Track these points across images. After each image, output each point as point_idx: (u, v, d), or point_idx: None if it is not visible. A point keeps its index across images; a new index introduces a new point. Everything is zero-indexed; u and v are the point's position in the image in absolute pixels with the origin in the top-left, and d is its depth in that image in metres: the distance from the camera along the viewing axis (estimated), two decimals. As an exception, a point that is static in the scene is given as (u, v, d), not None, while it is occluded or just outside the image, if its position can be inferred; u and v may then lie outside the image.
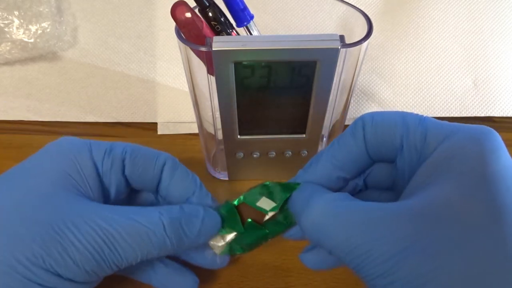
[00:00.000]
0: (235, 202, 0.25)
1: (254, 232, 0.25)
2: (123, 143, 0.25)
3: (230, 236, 0.25)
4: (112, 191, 0.25)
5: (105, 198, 0.25)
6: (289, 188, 0.24)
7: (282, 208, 0.25)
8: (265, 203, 0.25)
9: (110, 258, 0.21)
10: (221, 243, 0.25)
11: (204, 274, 0.30)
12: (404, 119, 0.21)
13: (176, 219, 0.23)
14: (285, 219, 0.25)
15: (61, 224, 0.20)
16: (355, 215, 0.19)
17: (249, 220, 0.25)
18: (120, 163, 0.24)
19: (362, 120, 0.22)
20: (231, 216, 0.25)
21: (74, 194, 0.22)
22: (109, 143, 0.25)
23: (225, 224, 0.25)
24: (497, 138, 0.20)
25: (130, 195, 0.28)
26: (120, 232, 0.21)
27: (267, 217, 0.25)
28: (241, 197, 0.25)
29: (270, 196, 0.24)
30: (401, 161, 0.22)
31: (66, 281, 0.20)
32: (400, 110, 0.42)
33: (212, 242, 0.25)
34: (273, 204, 0.24)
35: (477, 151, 0.18)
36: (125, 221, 0.21)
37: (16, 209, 0.21)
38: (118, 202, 0.26)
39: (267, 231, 0.25)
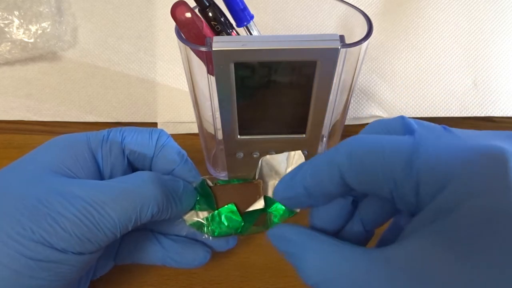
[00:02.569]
0: (210, 183, 0.26)
1: (229, 218, 0.25)
2: (119, 128, 0.26)
3: (204, 214, 0.26)
4: (118, 175, 0.25)
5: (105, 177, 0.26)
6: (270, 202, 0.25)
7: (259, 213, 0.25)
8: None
9: (101, 221, 0.21)
10: (194, 218, 0.26)
11: (204, 274, 0.30)
12: (390, 165, 0.16)
13: (161, 179, 0.23)
14: (263, 224, 0.25)
15: (47, 196, 0.20)
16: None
17: (229, 205, 0.25)
18: (119, 149, 0.25)
19: (338, 163, 0.17)
20: (205, 195, 0.26)
21: (66, 177, 0.23)
22: (106, 130, 0.26)
23: (201, 201, 0.26)
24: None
25: None
26: (109, 194, 0.21)
27: (250, 209, 0.25)
28: (219, 181, 0.26)
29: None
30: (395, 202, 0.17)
31: (61, 252, 0.20)
32: (400, 110, 0.42)
33: (185, 216, 0.26)
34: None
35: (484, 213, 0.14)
36: (113, 184, 0.22)
37: (3, 189, 0.21)
38: None
39: (242, 223, 0.25)
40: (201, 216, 0.26)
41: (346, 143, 0.17)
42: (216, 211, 0.25)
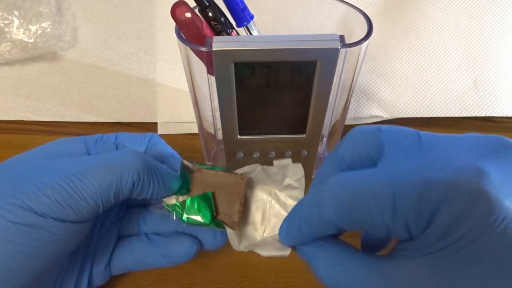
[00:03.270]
0: (190, 165, 0.25)
1: (203, 207, 0.25)
2: (114, 133, 0.28)
3: (184, 198, 0.25)
4: None
5: None
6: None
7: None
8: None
9: (81, 188, 0.21)
10: (173, 201, 0.25)
11: (204, 274, 0.30)
12: (377, 213, 0.16)
13: (145, 156, 0.24)
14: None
15: (32, 169, 0.22)
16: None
17: (207, 193, 0.25)
18: (112, 144, 0.27)
19: (328, 218, 0.18)
20: (184, 178, 0.25)
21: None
22: (100, 135, 0.27)
23: (182, 185, 0.25)
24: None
25: None
26: (89, 164, 0.22)
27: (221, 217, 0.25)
28: (200, 165, 0.26)
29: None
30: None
31: (41, 216, 0.20)
32: (400, 110, 0.42)
33: (164, 198, 0.25)
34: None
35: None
36: (95, 156, 0.24)
37: None
38: None
39: (213, 215, 0.25)
40: (180, 199, 0.25)
41: (329, 189, 0.18)
42: (189, 198, 0.25)
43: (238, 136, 0.30)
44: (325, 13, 0.40)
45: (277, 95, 0.28)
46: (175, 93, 0.43)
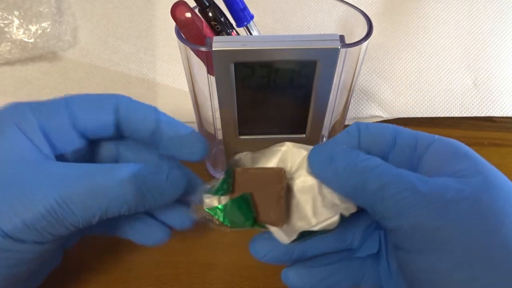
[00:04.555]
0: (237, 164, 0.24)
1: (242, 209, 0.23)
2: (65, 96, 0.24)
3: (226, 200, 0.23)
4: (67, 147, 0.23)
5: (62, 155, 0.23)
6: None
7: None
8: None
9: (63, 216, 0.20)
10: (214, 203, 0.23)
11: (204, 274, 0.30)
12: (395, 126, 0.23)
13: (138, 175, 0.21)
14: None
15: (8, 182, 0.20)
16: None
17: (244, 194, 0.23)
18: (64, 116, 0.23)
19: (357, 124, 0.23)
20: (229, 179, 0.24)
21: (23, 152, 0.21)
22: (51, 100, 0.24)
23: (224, 186, 0.23)
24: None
25: (92, 148, 0.26)
26: (73, 190, 0.20)
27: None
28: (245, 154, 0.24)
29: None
30: (394, 157, 0.22)
31: (19, 242, 0.19)
32: (400, 110, 0.42)
33: (206, 199, 0.23)
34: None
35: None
36: (79, 178, 0.20)
37: None
38: (79, 157, 0.24)
39: (254, 216, 0.23)
40: (223, 202, 0.23)
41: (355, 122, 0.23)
42: (229, 201, 0.23)
43: (238, 136, 0.30)
44: (325, 13, 0.40)
45: (277, 95, 0.28)
46: (175, 93, 0.43)
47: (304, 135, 0.31)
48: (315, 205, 0.23)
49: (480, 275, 0.17)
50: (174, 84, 0.43)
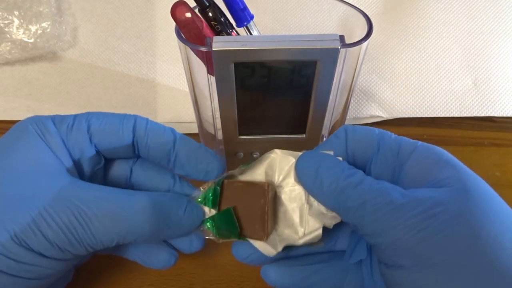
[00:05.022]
0: (224, 177, 0.24)
1: (226, 222, 0.23)
2: (87, 113, 0.24)
3: (215, 211, 0.24)
4: (85, 164, 0.24)
5: (80, 171, 0.24)
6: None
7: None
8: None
9: (83, 238, 0.20)
10: (206, 215, 0.24)
11: (204, 274, 0.30)
12: (380, 131, 0.23)
13: (157, 206, 0.22)
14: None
15: (34, 200, 0.20)
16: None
17: (228, 209, 0.23)
18: (85, 133, 0.23)
19: (344, 127, 0.24)
20: (214, 190, 0.24)
21: (48, 170, 0.22)
22: (73, 116, 0.24)
23: (214, 200, 0.24)
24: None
25: (105, 165, 0.26)
26: (96, 213, 0.20)
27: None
28: (225, 174, 0.24)
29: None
30: (377, 163, 0.23)
31: (41, 257, 0.20)
32: (400, 110, 0.42)
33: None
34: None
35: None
36: (103, 202, 0.21)
37: None
38: (95, 174, 0.25)
39: (237, 230, 0.23)
40: (212, 213, 0.24)
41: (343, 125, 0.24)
42: (216, 214, 0.24)
43: (238, 136, 0.30)
44: (325, 13, 0.40)
45: (277, 95, 0.28)
46: (175, 93, 0.43)
47: (304, 135, 0.31)
48: (302, 214, 0.24)
49: None
50: (174, 84, 0.43)
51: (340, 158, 0.22)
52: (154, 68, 0.44)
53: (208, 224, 0.24)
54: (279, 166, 0.24)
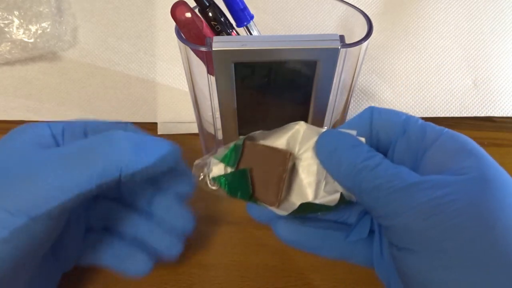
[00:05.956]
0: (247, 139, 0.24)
1: (241, 182, 0.24)
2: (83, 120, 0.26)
3: (231, 169, 0.24)
4: None
5: None
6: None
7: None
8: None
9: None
10: (222, 172, 0.24)
11: (204, 274, 0.30)
12: (407, 115, 0.23)
13: (134, 132, 0.23)
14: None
15: (25, 165, 0.21)
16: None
17: (244, 169, 0.23)
18: (80, 133, 0.25)
19: (371, 108, 0.24)
20: (236, 149, 0.24)
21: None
22: (67, 122, 0.25)
23: (232, 157, 0.24)
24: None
25: None
26: (73, 148, 0.21)
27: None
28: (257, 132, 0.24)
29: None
30: (400, 147, 0.23)
31: (33, 219, 0.20)
32: (400, 109, 0.42)
33: (214, 167, 0.24)
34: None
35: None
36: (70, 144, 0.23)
37: None
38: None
39: (250, 192, 0.23)
40: (229, 170, 0.24)
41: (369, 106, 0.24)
42: (231, 173, 0.24)
43: (238, 136, 0.30)
44: (325, 13, 0.40)
45: (277, 95, 0.28)
46: (175, 93, 0.43)
47: (304, 135, 0.31)
48: (317, 189, 0.24)
49: (470, 277, 0.17)
50: (174, 84, 0.43)
51: (363, 139, 0.22)
52: (154, 68, 0.44)
53: (222, 180, 0.24)
54: (301, 139, 0.24)
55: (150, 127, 0.42)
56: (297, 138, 0.24)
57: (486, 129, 0.42)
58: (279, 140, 0.25)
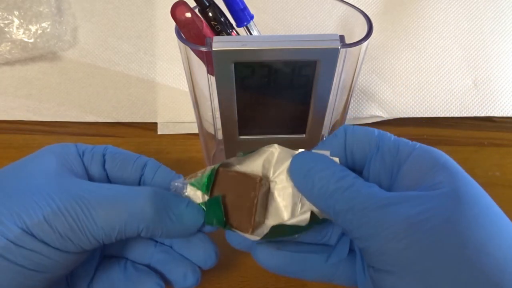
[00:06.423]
0: (220, 166, 0.24)
1: (214, 210, 0.24)
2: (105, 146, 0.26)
3: (207, 197, 0.24)
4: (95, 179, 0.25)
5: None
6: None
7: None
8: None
9: (84, 223, 0.20)
10: (197, 200, 0.24)
11: (204, 274, 0.30)
12: (380, 132, 0.23)
13: (159, 195, 0.23)
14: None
15: (39, 188, 0.21)
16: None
17: (217, 197, 0.23)
18: (100, 157, 0.25)
19: (344, 127, 0.24)
20: (210, 176, 0.24)
21: (59, 171, 0.23)
22: (92, 146, 0.26)
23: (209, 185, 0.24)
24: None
25: None
26: (97, 199, 0.21)
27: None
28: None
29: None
30: (375, 164, 0.23)
31: (44, 244, 0.20)
32: (400, 110, 0.42)
33: (190, 192, 0.24)
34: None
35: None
36: (104, 190, 0.22)
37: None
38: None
39: (224, 219, 0.23)
40: (204, 199, 0.24)
41: (343, 125, 0.24)
42: (207, 200, 0.24)
43: (238, 136, 0.30)
44: (325, 13, 0.40)
45: (277, 95, 0.28)
46: (175, 93, 0.43)
47: (304, 135, 0.31)
48: (293, 211, 0.24)
49: None
50: (174, 84, 0.43)
51: (336, 159, 0.22)
52: (154, 68, 0.44)
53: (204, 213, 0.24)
54: (275, 162, 0.24)
55: (150, 127, 0.42)
56: (272, 161, 0.24)
57: (486, 129, 0.42)
58: (255, 163, 0.25)
